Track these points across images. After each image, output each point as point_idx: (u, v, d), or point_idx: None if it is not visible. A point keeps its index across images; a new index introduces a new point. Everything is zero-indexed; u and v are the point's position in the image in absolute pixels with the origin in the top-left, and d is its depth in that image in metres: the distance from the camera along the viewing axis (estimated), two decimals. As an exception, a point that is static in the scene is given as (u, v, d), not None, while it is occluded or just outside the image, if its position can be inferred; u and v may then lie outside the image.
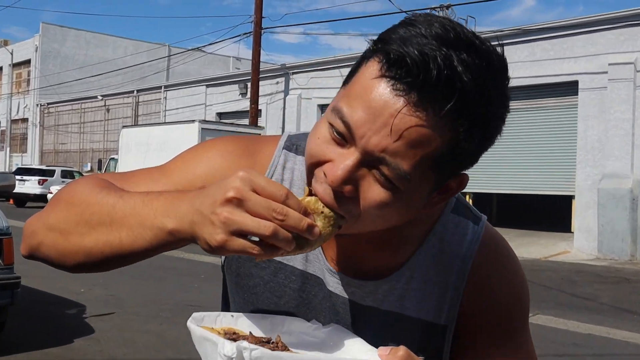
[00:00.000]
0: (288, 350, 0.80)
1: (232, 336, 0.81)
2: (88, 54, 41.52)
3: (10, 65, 42.67)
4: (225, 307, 1.16)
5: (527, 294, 1.05)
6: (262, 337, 0.84)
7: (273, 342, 0.82)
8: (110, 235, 0.85)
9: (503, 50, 0.85)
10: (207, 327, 0.82)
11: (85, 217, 0.87)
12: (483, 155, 0.91)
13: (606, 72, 15.13)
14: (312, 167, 0.87)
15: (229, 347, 0.72)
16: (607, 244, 14.75)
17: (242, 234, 0.74)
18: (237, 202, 0.74)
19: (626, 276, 12.09)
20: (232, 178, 0.76)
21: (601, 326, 7.39)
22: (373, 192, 0.82)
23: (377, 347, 0.95)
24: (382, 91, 0.79)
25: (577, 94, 15.75)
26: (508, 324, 1.01)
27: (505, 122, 0.88)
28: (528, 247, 15.23)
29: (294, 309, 1.02)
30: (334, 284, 1.01)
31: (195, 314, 0.82)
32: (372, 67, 0.82)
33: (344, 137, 0.82)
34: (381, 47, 0.81)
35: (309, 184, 0.88)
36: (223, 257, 1.09)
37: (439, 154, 0.81)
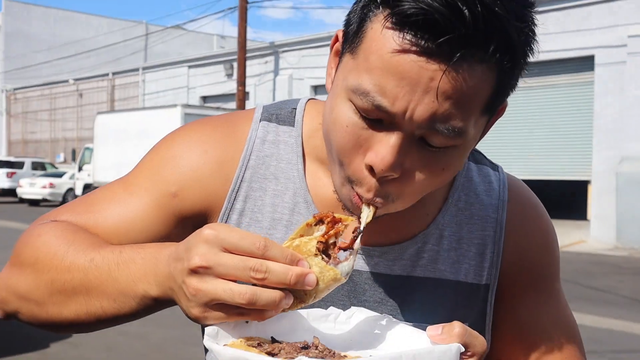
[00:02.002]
0: (332, 352, 0.76)
1: (266, 348, 0.74)
2: (57, 33, 41.30)
3: (-28, 47, 42.42)
4: None
5: (557, 239, 1.05)
6: (297, 343, 0.77)
7: (311, 346, 0.77)
8: (90, 306, 0.83)
9: None
10: (229, 343, 0.75)
11: (57, 287, 0.85)
12: (489, 138, 0.90)
13: (625, 45, 15.13)
14: (346, 163, 0.84)
15: None
16: (626, 232, 14.81)
17: (220, 303, 0.70)
18: (205, 270, 0.69)
19: (647, 267, 12.17)
20: (197, 239, 0.71)
21: (621, 320, 7.44)
22: (428, 163, 0.81)
23: (415, 321, 0.93)
24: (413, 58, 0.75)
25: (593, 70, 15.76)
26: (547, 271, 1.01)
27: (515, 102, 0.87)
28: (541, 237, 15.29)
29: None
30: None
31: (208, 329, 0.74)
32: (389, 32, 0.76)
33: (379, 119, 0.79)
34: (392, 6, 0.75)
35: (340, 186, 0.86)
36: None
37: (489, 97, 0.80)
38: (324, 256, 0.75)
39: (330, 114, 0.85)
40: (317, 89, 21.85)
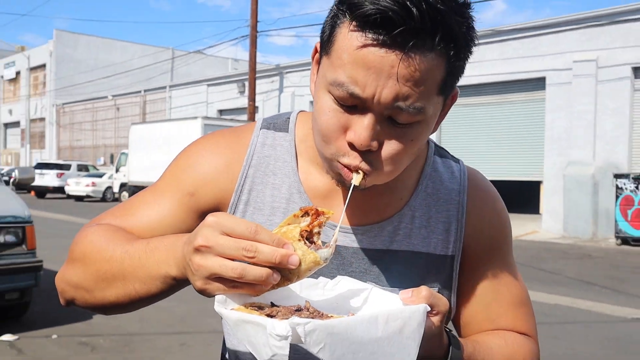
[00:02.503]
0: (321, 314, 0.76)
1: (266, 312, 0.74)
2: (98, 57, 41.15)
3: (27, 69, 42.37)
4: None
5: (509, 219, 1.05)
6: (292, 307, 0.77)
7: (303, 309, 0.77)
8: (126, 289, 0.85)
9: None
10: (235, 308, 0.75)
11: (100, 275, 0.88)
12: (459, 145, 0.92)
13: (571, 69, 15.17)
14: (332, 142, 0.84)
15: (282, 326, 0.65)
16: (571, 224, 14.86)
17: (218, 277, 0.71)
18: (206, 249, 0.70)
19: (588, 252, 12.20)
20: (202, 225, 0.73)
21: (566, 297, 7.47)
22: (399, 136, 0.82)
23: (394, 286, 0.92)
24: (373, 53, 0.77)
25: (544, 89, 15.80)
26: (501, 245, 1.01)
27: (481, 115, 0.87)
28: (501, 228, 15.27)
29: None
30: (339, 238, 0.92)
31: (218, 297, 0.75)
32: (354, 33, 0.78)
33: (354, 105, 0.81)
34: (354, 11, 0.77)
35: (330, 165, 0.87)
36: None
37: (441, 79, 0.81)
38: (307, 242, 0.74)
39: (315, 106, 0.86)
40: (315, 104, 21.84)
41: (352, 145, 0.83)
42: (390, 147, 0.83)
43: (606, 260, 11.20)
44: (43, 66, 41.35)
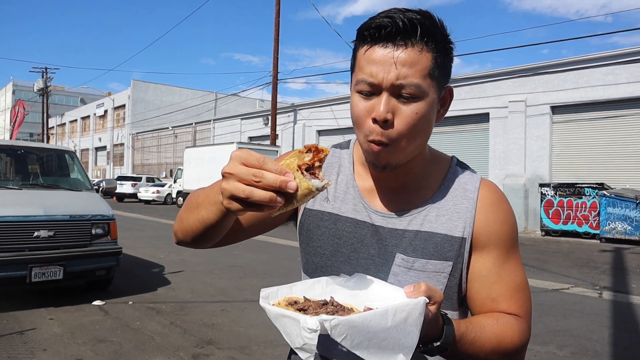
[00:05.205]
0: (343, 307, 0.71)
1: (299, 306, 0.70)
2: (162, 99, 41.37)
3: (112, 108, 42.74)
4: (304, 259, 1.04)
5: (514, 218, 0.96)
6: (320, 301, 0.73)
7: (328, 303, 0.73)
8: (198, 214, 0.85)
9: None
10: (275, 303, 0.70)
11: (187, 207, 0.90)
12: None
13: (507, 107, 15.16)
14: (362, 124, 0.84)
15: (312, 322, 0.62)
16: (509, 220, 14.76)
17: (236, 198, 0.67)
18: (229, 176, 0.67)
19: (521, 241, 12.10)
20: (230, 158, 0.70)
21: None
22: (406, 110, 0.81)
23: (417, 257, 0.88)
24: (378, 52, 0.81)
25: (488, 122, 15.78)
26: (506, 237, 0.92)
27: (445, 141, 0.87)
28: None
29: (350, 247, 0.93)
30: (379, 220, 0.92)
31: (262, 293, 0.70)
32: (363, 48, 0.83)
33: (372, 92, 0.82)
34: (366, 34, 0.82)
35: (365, 149, 0.86)
36: (298, 229, 1.02)
37: (430, 66, 0.81)
38: (304, 173, 0.68)
39: (350, 109, 0.88)
40: (321, 132, 21.87)
41: (375, 121, 0.82)
42: (401, 119, 0.82)
43: (534, 246, 11.13)
44: (123, 106, 41.57)
